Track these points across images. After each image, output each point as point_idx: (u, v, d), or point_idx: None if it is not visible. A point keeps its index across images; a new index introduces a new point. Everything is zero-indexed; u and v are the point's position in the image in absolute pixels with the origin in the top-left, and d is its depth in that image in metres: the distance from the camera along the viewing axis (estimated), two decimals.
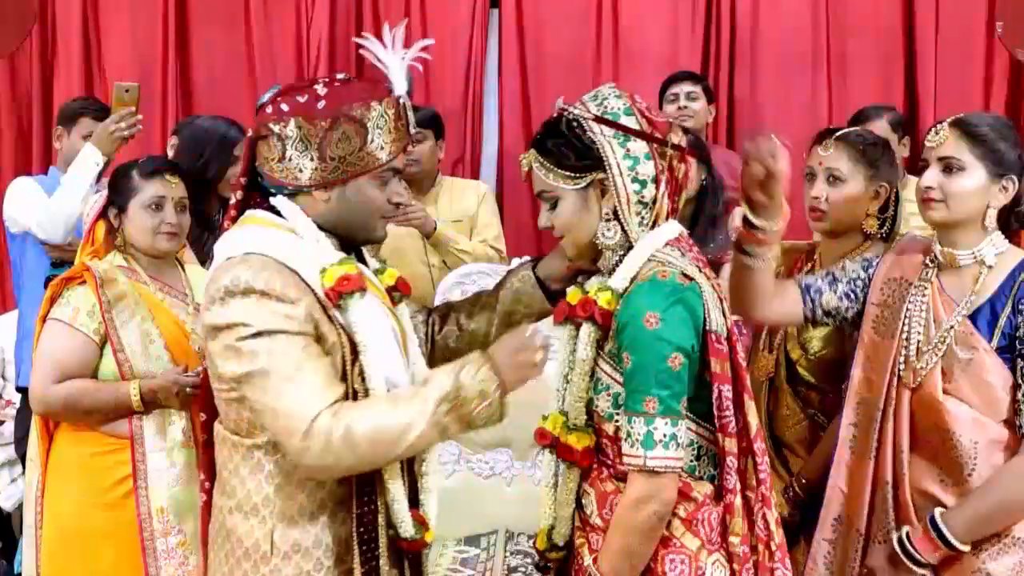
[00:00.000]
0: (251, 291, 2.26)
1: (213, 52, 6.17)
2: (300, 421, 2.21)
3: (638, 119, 2.47)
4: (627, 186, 2.44)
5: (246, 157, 2.46)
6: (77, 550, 3.33)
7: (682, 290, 2.39)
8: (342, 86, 2.41)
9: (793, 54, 6.02)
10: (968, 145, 2.72)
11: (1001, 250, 2.75)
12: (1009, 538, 2.67)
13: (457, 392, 2.27)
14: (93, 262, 3.48)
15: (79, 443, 3.42)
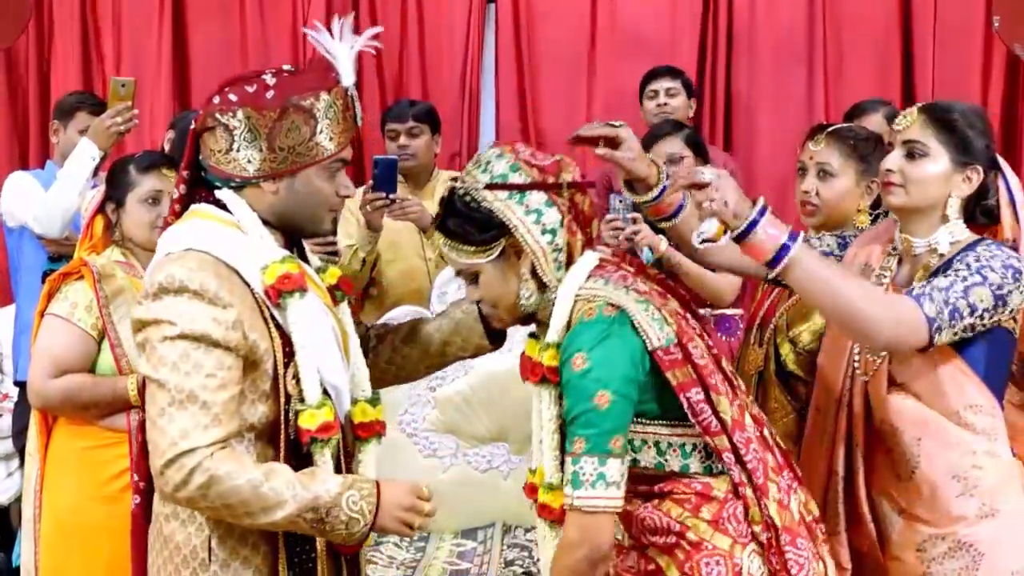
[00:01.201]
0: (184, 290, 2.25)
1: (209, 47, 6.19)
2: (171, 448, 2.19)
3: (527, 172, 2.47)
4: (538, 240, 2.44)
5: (190, 150, 2.44)
6: (76, 543, 3.36)
7: (608, 324, 2.37)
8: (291, 77, 2.40)
9: (789, 48, 6.05)
10: (934, 131, 2.70)
11: (957, 239, 2.70)
12: (955, 542, 2.66)
13: (329, 509, 2.25)
14: (91, 257, 3.49)
15: (77, 437, 3.44)
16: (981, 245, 2.65)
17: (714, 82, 6.07)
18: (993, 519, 2.67)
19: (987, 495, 2.67)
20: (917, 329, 2.53)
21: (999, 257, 2.60)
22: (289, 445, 2.37)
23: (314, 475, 2.31)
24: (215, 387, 2.23)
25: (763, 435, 2.54)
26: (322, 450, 2.37)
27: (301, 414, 2.35)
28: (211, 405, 2.22)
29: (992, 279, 2.56)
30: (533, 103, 6.16)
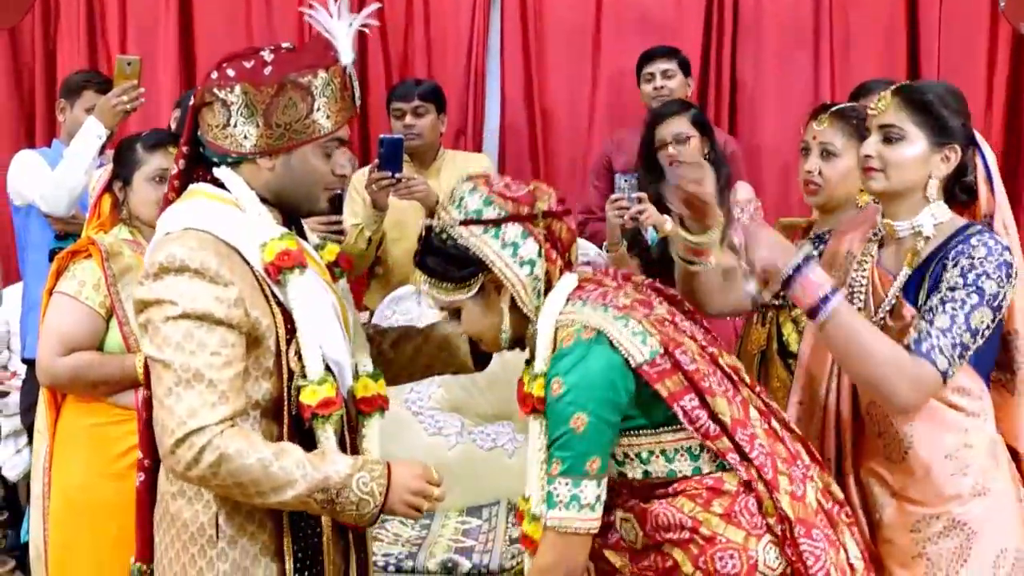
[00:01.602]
0: (185, 269, 2.26)
1: (214, 26, 6.19)
2: (180, 427, 2.21)
3: (500, 205, 2.46)
4: (517, 274, 2.45)
5: (189, 126, 2.45)
6: (84, 519, 3.37)
7: (586, 347, 2.38)
8: (289, 54, 2.41)
9: (795, 29, 6.03)
10: (909, 113, 2.68)
11: (941, 220, 2.69)
12: (951, 520, 2.67)
13: (339, 490, 2.28)
14: (99, 235, 3.51)
15: (86, 414, 3.46)
16: (973, 237, 2.63)
17: (719, 63, 6.06)
18: (985, 497, 2.69)
19: (979, 474, 2.69)
20: (933, 388, 2.57)
21: (992, 254, 2.59)
22: (292, 422, 2.39)
23: (324, 456, 2.32)
24: (220, 365, 2.25)
25: (771, 427, 2.54)
26: (324, 426, 2.38)
27: (302, 390, 2.36)
28: (218, 383, 2.24)
29: (988, 290, 2.56)
30: (539, 83, 6.16)
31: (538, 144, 6.18)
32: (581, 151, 6.01)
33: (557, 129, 6.20)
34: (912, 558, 2.70)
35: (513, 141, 6.18)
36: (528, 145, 6.18)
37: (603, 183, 5.27)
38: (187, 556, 2.40)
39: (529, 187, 2.53)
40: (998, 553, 2.69)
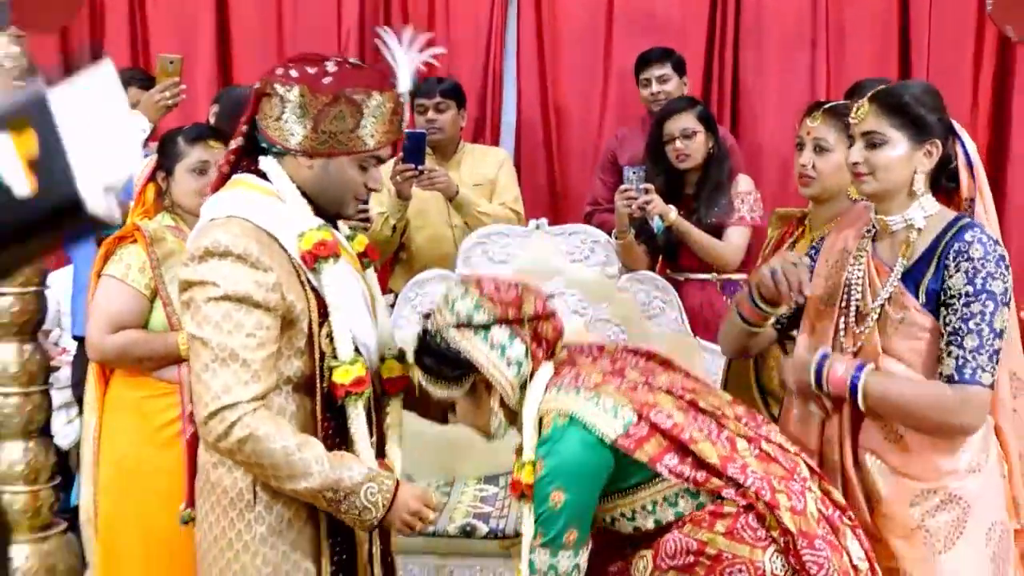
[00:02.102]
0: (228, 254, 2.29)
1: (249, 27, 6.20)
2: (214, 401, 2.25)
3: (489, 309, 2.49)
4: (504, 374, 2.49)
5: (252, 107, 2.47)
6: (131, 485, 3.42)
7: (561, 431, 2.43)
8: (352, 69, 2.43)
9: (794, 30, 6.02)
10: (887, 118, 2.69)
11: (930, 213, 2.72)
12: (948, 494, 2.68)
13: (348, 494, 2.32)
14: (143, 222, 3.55)
15: (133, 387, 3.50)
16: (967, 234, 2.64)
17: (722, 63, 6.05)
18: (979, 473, 2.70)
19: (974, 451, 2.69)
20: (987, 403, 2.64)
21: (989, 253, 2.61)
22: (324, 398, 2.43)
23: (343, 458, 2.36)
24: (255, 346, 2.29)
25: (763, 451, 2.55)
26: (355, 403, 2.43)
27: (335, 370, 2.40)
28: (251, 363, 2.28)
29: (998, 290, 2.60)
30: (552, 80, 6.16)
31: (552, 138, 6.18)
32: (592, 144, 6.01)
33: (570, 124, 6.20)
34: (911, 530, 2.69)
35: (528, 135, 6.18)
36: (543, 139, 6.18)
37: (608, 176, 5.27)
38: (226, 520, 2.43)
39: (517, 290, 2.56)
40: (990, 526, 2.71)
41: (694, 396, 2.57)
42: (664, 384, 2.56)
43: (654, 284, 4.66)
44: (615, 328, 4.65)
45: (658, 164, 4.60)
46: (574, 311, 4.65)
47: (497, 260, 4.68)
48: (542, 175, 6.16)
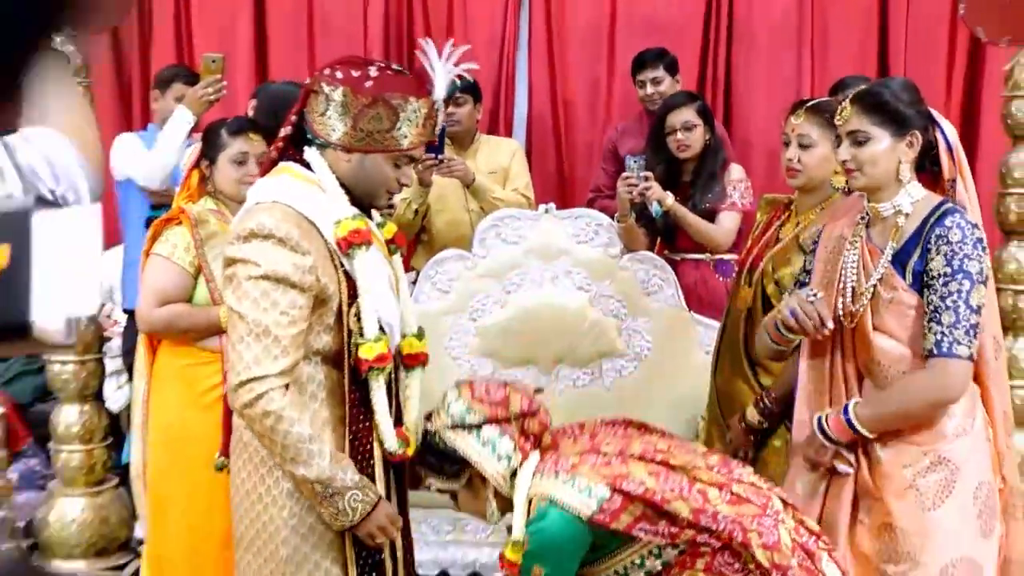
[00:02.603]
0: (271, 236, 2.30)
1: (284, 28, 6.20)
2: (245, 371, 2.28)
3: (479, 411, 2.56)
4: (495, 468, 2.55)
5: (301, 101, 2.48)
6: (178, 445, 3.42)
7: (543, 514, 2.48)
8: (393, 75, 2.43)
9: (782, 31, 6.01)
10: (868, 117, 2.71)
11: (917, 198, 2.74)
12: (937, 457, 2.70)
13: (334, 493, 2.34)
14: (188, 205, 3.55)
15: (178, 356, 3.51)
16: (947, 219, 2.65)
17: (715, 61, 6.04)
18: (966, 437, 2.71)
19: (961, 417, 2.71)
20: (967, 373, 2.66)
21: (966, 236, 2.62)
22: (350, 370, 2.44)
23: (343, 460, 2.38)
24: (287, 323, 2.30)
25: (734, 494, 2.55)
26: (378, 377, 2.45)
27: (361, 347, 2.42)
28: (281, 339, 2.29)
29: (973, 270, 2.61)
30: (561, 77, 6.15)
31: (560, 129, 6.18)
32: (597, 135, 6.00)
33: (577, 116, 6.20)
34: (904, 489, 2.71)
35: (539, 127, 6.19)
36: (552, 130, 6.18)
37: (610, 165, 5.28)
38: (257, 476, 2.45)
39: (505, 390, 2.62)
40: (977, 486, 2.72)
41: (666, 456, 2.59)
42: (638, 451, 2.59)
43: (653, 263, 4.66)
44: (617, 303, 4.66)
45: (659, 154, 4.61)
46: (579, 288, 4.66)
47: (509, 241, 4.69)
48: (551, 164, 6.16)
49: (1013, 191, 4.12)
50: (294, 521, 2.42)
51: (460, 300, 4.70)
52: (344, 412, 2.45)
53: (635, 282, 4.67)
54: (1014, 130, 4.14)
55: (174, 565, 3.57)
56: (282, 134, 2.52)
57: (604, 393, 4.72)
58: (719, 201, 4.57)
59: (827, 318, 2.70)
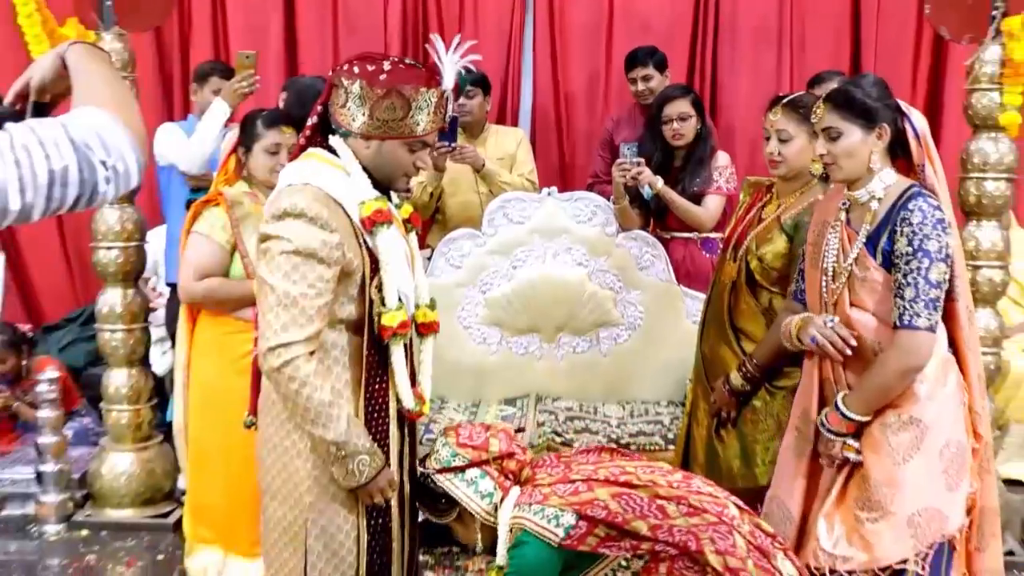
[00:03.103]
0: (302, 215, 2.30)
1: (311, 27, 6.18)
2: (274, 336, 2.27)
3: (462, 454, 2.64)
4: (479, 504, 2.64)
5: (325, 93, 2.47)
6: (215, 405, 3.43)
7: (518, 541, 2.54)
8: (405, 68, 2.41)
9: (763, 30, 5.99)
10: (839, 114, 2.73)
11: (889, 184, 2.75)
12: (907, 418, 2.72)
13: (346, 456, 2.35)
14: (225, 188, 3.55)
15: (215, 325, 3.51)
16: (911, 202, 2.66)
17: (703, 58, 6.02)
18: (935, 400, 2.72)
19: (931, 382, 2.72)
20: (929, 342, 2.67)
21: (927, 217, 2.62)
22: (371, 337, 2.44)
23: (358, 426, 2.39)
24: (313, 295, 2.29)
25: (691, 506, 2.57)
26: (397, 342, 2.45)
27: (383, 315, 2.41)
28: (308, 309, 2.28)
29: (932, 248, 2.61)
30: (562, 72, 6.13)
31: (562, 120, 6.17)
32: (595, 125, 5.97)
33: (576, 108, 6.19)
34: (879, 445, 2.73)
35: (542, 117, 6.18)
36: (554, 121, 6.17)
37: (606, 153, 5.27)
38: (283, 432, 2.46)
39: (486, 434, 2.69)
40: (944, 444, 2.73)
41: (629, 477, 2.63)
42: (604, 476, 2.63)
43: (645, 241, 4.68)
44: (612, 277, 4.68)
45: (655, 141, 4.61)
46: (578, 263, 4.68)
47: (515, 221, 4.70)
48: (553, 151, 6.16)
49: (972, 175, 4.13)
50: (317, 472, 2.43)
51: (471, 274, 4.71)
52: (361, 374, 2.45)
53: (629, 258, 4.68)
54: (974, 120, 4.14)
55: (212, 512, 3.60)
56: (309, 123, 2.52)
57: (601, 359, 4.74)
58: (706, 185, 4.57)
59: (849, 338, 2.73)
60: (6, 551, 4.30)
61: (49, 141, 1.46)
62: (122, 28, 4.35)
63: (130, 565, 4.15)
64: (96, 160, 1.49)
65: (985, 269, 4.16)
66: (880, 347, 2.72)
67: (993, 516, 2.93)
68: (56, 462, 4.53)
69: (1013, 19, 3.99)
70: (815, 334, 2.76)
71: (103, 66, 1.71)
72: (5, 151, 1.42)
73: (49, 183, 1.44)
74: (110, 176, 1.50)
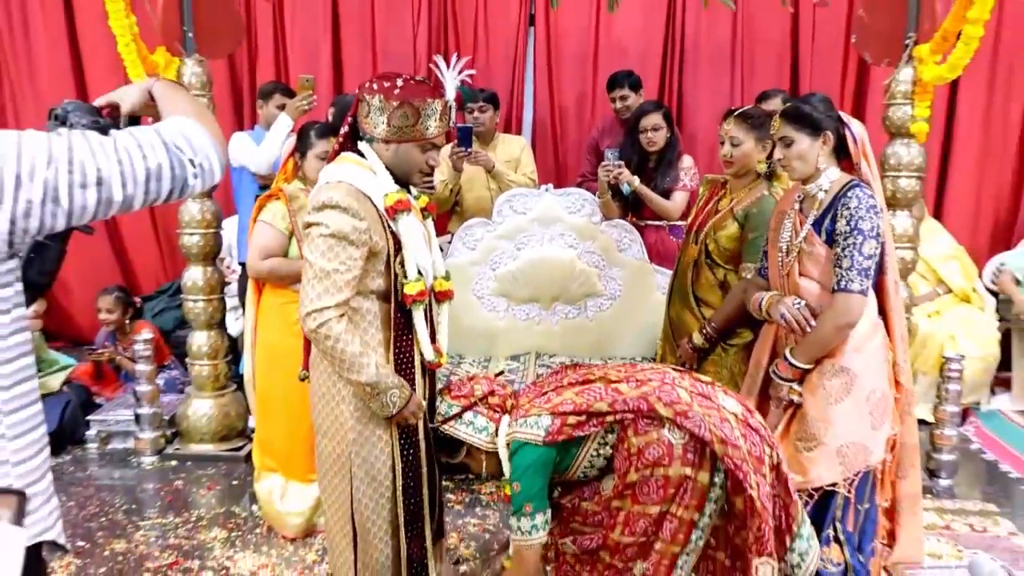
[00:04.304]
0: (337, 206, 2.30)
1: (353, 54, 6.15)
2: (311, 303, 2.29)
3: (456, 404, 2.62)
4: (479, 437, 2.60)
5: (353, 107, 2.47)
6: (277, 361, 3.43)
7: (513, 449, 2.53)
8: (415, 84, 2.40)
9: (720, 55, 5.94)
10: (791, 125, 2.75)
11: (833, 179, 2.75)
12: (839, 366, 2.71)
13: (380, 392, 2.35)
14: (284, 185, 3.53)
15: (278, 296, 3.50)
16: (849, 192, 2.67)
17: (671, 77, 5.99)
18: (861, 352, 2.72)
19: (859, 339, 2.72)
20: (860, 303, 2.66)
21: (861, 203, 2.63)
22: (397, 304, 2.44)
23: (384, 368, 2.39)
24: (344, 271, 2.30)
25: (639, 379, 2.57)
26: (418, 307, 2.45)
27: (405, 285, 2.42)
28: (339, 281, 2.30)
29: (865, 227, 2.61)
30: (557, 89, 6.11)
31: (557, 130, 6.15)
32: (584, 134, 5.96)
33: (568, 120, 6.16)
34: (816, 388, 2.73)
35: (541, 128, 6.15)
36: (551, 130, 6.15)
37: (592, 157, 5.24)
38: (329, 382, 2.46)
39: (471, 382, 2.68)
40: (871, 391, 2.73)
41: (586, 375, 2.65)
42: (567, 382, 2.64)
43: (624, 228, 4.65)
44: (597, 257, 4.66)
45: (633, 147, 4.58)
46: (570, 246, 4.65)
47: (519, 212, 4.67)
48: (550, 155, 6.14)
49: (889, 174, 4.11)
50: (358, 414, 2.43)
51: (483, 255, 4.69)
52: (390, 334, 2.45)
53: (611, 242, 4.66)
54: (890, 129, 4.11)
55: (274, 446, 3.62)
56: (342, 132, 2.52)
57: (588, 323, 4.73)
58: (674, 183, 4.54)
59: (810, 319, 2.73)
60: (111, 477, 4.30)
61: (146, 144, 1.46)
62: (201, 55, 4.32)
63: (210, 489, 4.15)
64: (186, 159, 1.49)
65: (899, 250, 4.13)
66: (822, 309, 2.72)
67: (912, 451, 2.93)
68: (151, 406, 4.53)
69: (922, 47, 3.97)
70: (784, 312, 2.75)
71: (183, 92, 1.71)
72: (110, 152, 1.43)
73: (146, 178, 1.45)
74: (197, 172, 1.51)
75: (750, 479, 2.36)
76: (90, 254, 6.23)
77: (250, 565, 3.41)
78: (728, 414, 2.46)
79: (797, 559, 2.50)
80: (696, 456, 2.41)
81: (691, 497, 2.41)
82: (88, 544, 3.59)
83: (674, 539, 2.44)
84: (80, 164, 1.39)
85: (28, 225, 1.38)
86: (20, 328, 1.48)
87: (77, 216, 1.42)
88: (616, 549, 2.52)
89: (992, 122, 5.88)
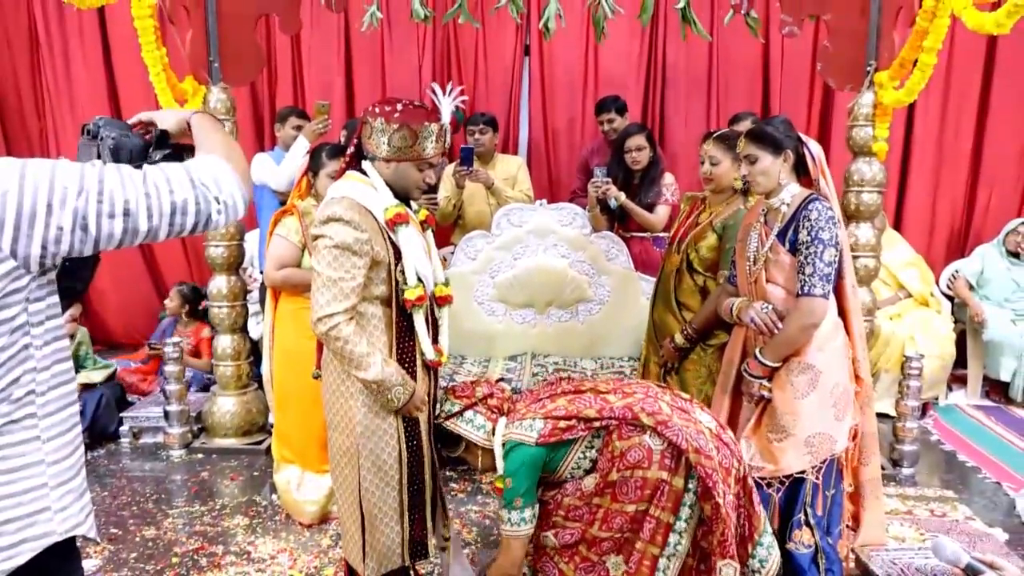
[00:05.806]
0: (340, 220, 2.30)
1: (364, 83, 6.12)
2: (320, 309, 2.29)
3: (458, 404, 2.60)
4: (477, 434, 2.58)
5: (358, 129, 2.46)
6: (293, 363, 3.41)
7: (508, 449, 2.52)
8: (413, 108, 2.39)
9: (697, 81, 5.91)
10: (755, 145, 2.74)
11: (794, 193, 2.74)
12: (804, 364, 2.69)
13: (386, 389, 2.35)
14: (298, 202, 3.50)
15: (292, 302, 3.48)
16: (810, 205, 2.65)
17: (653, 101, 5.95)
18: (825, 351, 2.69)
19: (821, 338, 2.69)
20: (822, 306, 2.65)
21: (821, 215, 2.62)
22: (399, 308, 2.43)
23: (391, 364, 2.38)
24: (349, 279, 2.30)
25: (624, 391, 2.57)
26: (418, 311, 2.44)
27: (406, 291, 2.40)
28: (344, 288, 2.29)
29: (825, 237, 2.60)
30: (551, 112, 6.06)
31: (550, 150, 6.11)
32: (575, 153, 5.93)
33: (560, 141, 6.12)
34: (784, 384, 2.71)
35: (536, 148, 6.11)
36: (544, 150, 6.11)
37: (583, 174, 5.23)
38: (339, 380, 2.45)
39: (473, 384, 2.67)
40: (834, 385, 2.70)
41: (578, 385, 2.64)
42: (562, 389, 2.64)
43: (611, 239, 4.63)
44: (588, 266, 4.64)
45: (620, 165, 4.55)
46: (562, 256, 4.63)
47: (516, 225, 4.65)
48: (544, 173, 6.09)
49: (852, 189, 4.10)
50: (365, 409, 2.42)
51: (483, 264, 4.67)
52: (393, 336, 2.43)
53: (600, 252, 4.63)
54: (853, 148, 4.11)
55: (292, 440, 3.59)
56: (348, 152, 2.51)
57: (579, 326, 4.70)
58: (657, 198, 4.52)
59: (777, 321, 2.71)
60: (142, 469, 4.27)
61: (175, 179, 1.45)
62: (226, 83, 4.29)
63: (233, 479, 4.12)
64: (211, 196, 1.48)
65: (862, 258, 4.14)
66: (788, 312, 2.70)
67: (872, 439, 2.92)
68: (179, 404, 4.49)
69: (882, 73, 3.97)
70: (753, 316, 2.73)
71: (217, 126, 1.70)
72: (139, 184, 1.41)
73: (172, 211, 1.44)
74: (221, 209, 1.51)
75: (718, 488, 2.37)
76: (123, 263, 6.20)
77: (270, 549, 3.38)
78: (704, 427, 2.46)
79: (757, 565, 2.50)
80: (673, 462, 2.41)
81: (667, 500, 2.41)
82: (120, 531, 3.56)
83: (652, 539, 2.43)
84: (109, 195, 1.38)
85: (59, 250, 1.37)
86: (55, 337, 1.46)
87: (104, 243, 1.40)
88: (593, 543, 2.51)
89: (945, 141, 5.87)
